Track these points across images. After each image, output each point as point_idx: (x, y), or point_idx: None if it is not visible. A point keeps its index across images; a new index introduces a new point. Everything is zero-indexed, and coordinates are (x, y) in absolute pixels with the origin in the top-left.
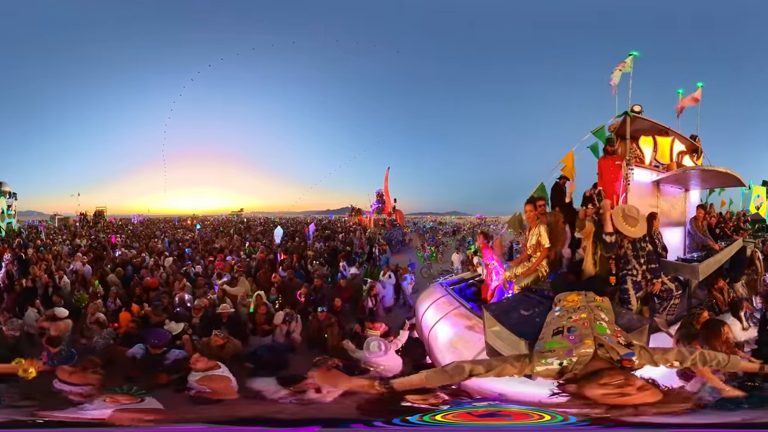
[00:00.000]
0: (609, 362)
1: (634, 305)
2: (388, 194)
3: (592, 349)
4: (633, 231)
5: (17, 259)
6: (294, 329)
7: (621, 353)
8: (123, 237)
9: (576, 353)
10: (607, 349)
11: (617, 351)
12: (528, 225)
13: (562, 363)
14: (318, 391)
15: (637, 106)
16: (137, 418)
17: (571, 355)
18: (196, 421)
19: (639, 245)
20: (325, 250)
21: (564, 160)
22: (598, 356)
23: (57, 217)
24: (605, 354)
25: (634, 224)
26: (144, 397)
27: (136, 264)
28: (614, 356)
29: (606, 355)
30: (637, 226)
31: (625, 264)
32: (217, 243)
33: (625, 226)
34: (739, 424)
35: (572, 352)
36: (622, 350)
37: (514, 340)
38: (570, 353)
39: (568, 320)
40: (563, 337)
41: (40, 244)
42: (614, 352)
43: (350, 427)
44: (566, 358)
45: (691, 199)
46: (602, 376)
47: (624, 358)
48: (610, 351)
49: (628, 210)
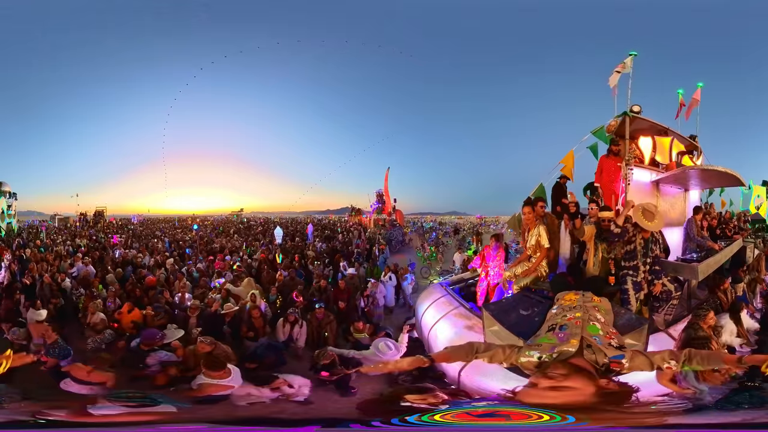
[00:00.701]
0: (590, 364)
1: (633, 305)
2: (388, 194)
3: (574, 349)
4: (651, 225)
5: (18, 259)
6: (298, 336)
7: (609, 356)
8: (123, 237)
9: (557, 350)
10: (594, 350)
11: (604, 353)
12: (528, 226)
13: (542, 357)
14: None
15: (636, 106)
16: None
17: (551, 352)
18: (196, 421)
19: (648, 246)
20: (325, 250)
21: (564, 161)
22: (580, 356)
23: (57, 217)
24: (590, 355)
25: (652, 219)
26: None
27: (137, 263)
28: (600, 359)
29: (591, 357)
30: (654, 221)
31: (630, 260)
32: (217, 243)
33: (644, 221)
34: (739, 424)
35: (554, 349)
36: (611, 352)
37: (513, 340)
38: (552, 350)
39: (562, 318)
40: (553, 334)
41: (40, 245)
42: (601, 355)
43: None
44: (547, 353)
45: (691, 199)
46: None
47: (612, 361)
48: (597, 353)
49: (646, 206)
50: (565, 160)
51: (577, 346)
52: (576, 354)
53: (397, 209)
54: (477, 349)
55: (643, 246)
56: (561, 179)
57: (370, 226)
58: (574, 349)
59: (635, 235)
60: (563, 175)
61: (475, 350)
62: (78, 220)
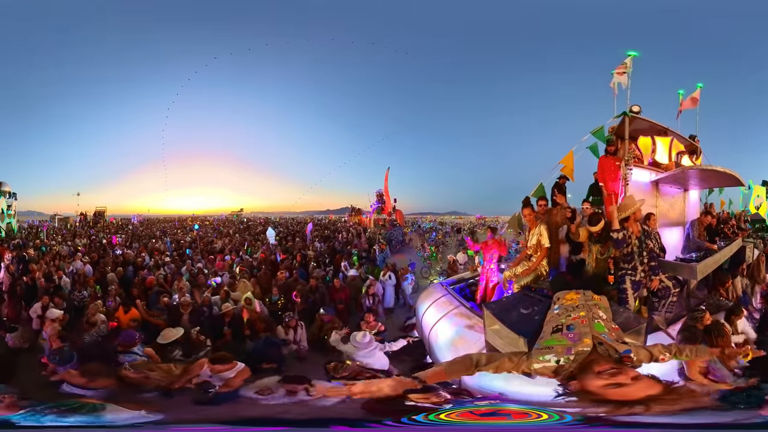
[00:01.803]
0: (608, 357)
1: (632, 305)
2: (388, 194)
3: (589, 347)
4: (635, 206)
5: (18, 259)
6: (300, 338)
7: (620, 350)
8: (123, 237)
9: (574, 351)
10: (607, 347)
11: (616, 348)
12: (528, 225)
13: (560, 361)
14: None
15: (635, 106)
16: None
17: (569, 353)
18: (200, 422)
19: (644, 243)
20: (325, 250)
21: (564, 161)
22: (596, 353)
23: (57, 217)
24: (605, 351)
25: (632, 202)
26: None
27: (138, 263)
28: (613, 354)
29: (606, 352)
30: (635, 202)
31: (629, 261)
32: (217, 243)
33: (621, 213)
34: (736, 424)
35: (571, 350)
36: (621, 347)
37: (514, 338)
38: (569, 351)
39: (567, 318)
40: (562, 335)
41: (39, 244)
42: (613, 350)
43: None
44: (564, 356)
45: (690, 199)
46: (595, 365)
47: (624, 355)
48: (610, 349)
49: (620, 202)
50: (565, 160)
51: (591, 345)
52: (591, 352)
53: (397, 209)
54: (478, 361)
55: (638, 246)
56: (560, 179)
57: (370, 226)
58: (589, 348)
59: (630, 237)
60: (563, 174)
61: (476, 363)
62: (78, 220)
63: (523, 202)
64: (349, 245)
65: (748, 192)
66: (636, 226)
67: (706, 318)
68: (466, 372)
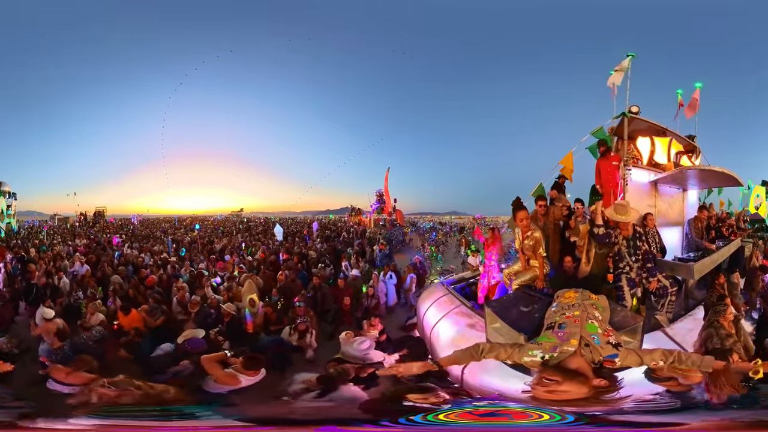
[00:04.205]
0: (586, 361)
1: (629, 302)
2: (388, 194)
3: (574, 348)
4: (623, 217)
5: (17, 259)
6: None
7: (604, 355)
8: (123, 237)
9: (559, 350)
10: (592, 349)
11: (600, 352)
12: (521, 229)
13: (545, 357)
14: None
15: (634, 107)
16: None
17: (554, 351)
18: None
19: (633, 243)
20: (326, 251)
21: (563, 161)
22: (578, 354)
23: (57, 217)
24: (588, 354)
25: (624, 212)
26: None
27: (139, 264)
28: (596, 357)
29: (588, 355)
30: (627, 213)
31: (620, 260)
32: (217, 243)
33: (616, 215)
34: (737, 424)
35: (556, 348)
36: (607, 351)
37: (514, 336)
38: (554, 349)
39: (561, 316)
40: (553, 333)
41: (39, 244)
42: (597, 354)
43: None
44: (549, 353)
45: (689, 199)
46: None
47: (606, 360)
48: (594, 352)
49: (617, 202)
50: (565, 160)
51: (576, 346)
52: (575, 353)
53: (397, 209)
54: (483, 349)
55: (627, 246)
56: (560, 179)
57: (370, 226)
58: (574, 348)
59: (617, 236)
60: (562, 174)
61: (481, 350)
62: (78, 221)
63: (515, 205)
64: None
65: (748, 192)
66: (626, 227)
67: (729, 312)
68: (474, 358)
